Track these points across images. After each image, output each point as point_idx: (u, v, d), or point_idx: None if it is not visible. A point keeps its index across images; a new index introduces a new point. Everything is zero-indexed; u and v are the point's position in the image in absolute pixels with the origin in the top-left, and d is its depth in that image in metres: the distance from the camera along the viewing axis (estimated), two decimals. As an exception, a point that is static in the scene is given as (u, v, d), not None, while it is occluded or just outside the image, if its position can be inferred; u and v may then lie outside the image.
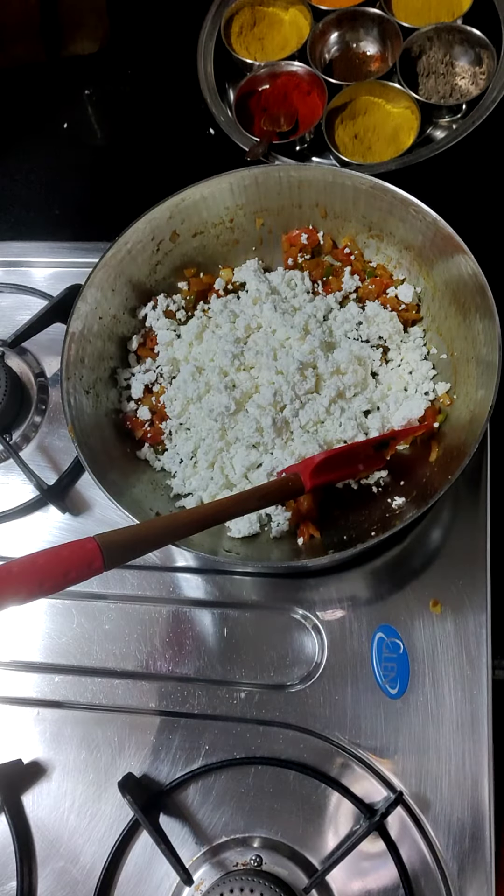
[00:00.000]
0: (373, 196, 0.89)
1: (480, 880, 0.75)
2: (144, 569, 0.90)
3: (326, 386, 0.89)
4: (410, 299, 0.94)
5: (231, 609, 0.88)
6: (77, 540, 0.61)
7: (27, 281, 1.07)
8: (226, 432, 0.89)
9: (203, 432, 0.89)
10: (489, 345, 0.80)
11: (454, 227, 0.84)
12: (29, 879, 0.79)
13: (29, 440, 0.98)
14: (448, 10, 1.16)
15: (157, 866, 0.78)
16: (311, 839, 0.78)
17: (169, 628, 0.88)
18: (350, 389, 0.89)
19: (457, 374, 0.88)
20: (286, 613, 0.87)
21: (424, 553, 0.88)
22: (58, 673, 0.87)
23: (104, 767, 0.82)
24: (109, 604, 0.89)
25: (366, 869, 0.77)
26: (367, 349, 0.92)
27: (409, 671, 0.82)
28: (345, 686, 0.83)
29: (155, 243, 0.94)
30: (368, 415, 0.90)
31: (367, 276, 0.96)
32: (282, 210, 0.96)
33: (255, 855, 0.78)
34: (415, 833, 0.77)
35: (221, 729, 0.82)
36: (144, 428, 0.91)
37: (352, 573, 0.87)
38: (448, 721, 0.80)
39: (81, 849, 0.80)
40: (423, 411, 0.88)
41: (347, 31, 1.20)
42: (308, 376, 0.88)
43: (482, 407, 0.78)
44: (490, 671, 0.81)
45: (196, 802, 0.80)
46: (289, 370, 0.88)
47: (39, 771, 0.83)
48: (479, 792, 0.78)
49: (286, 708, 0.82)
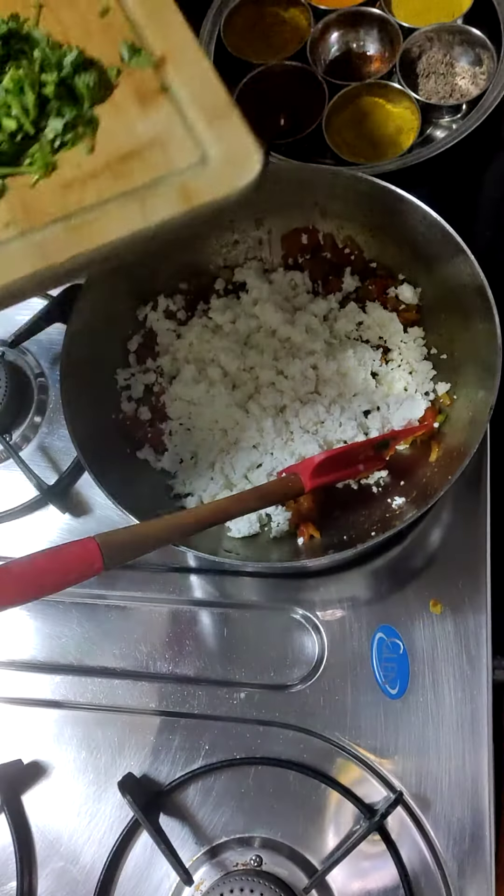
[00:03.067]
0: (373, 196, 0.89)
1: (480, 880, 0.75)
2: (144, 569, 0.90)
3: (327, 386, 0.89)
4: (410, 299, 0.94)
5: (231, 609, 0.88)
6: (77, 540, 0.61)
7: (27, 281, 1.07)
8: (226, 433, 0.89)
9: (203, 432, 0.89)
10: (489, 345, 0.80)
11: (454, 227, 0.84)
12: (29, 879, 0.79)
13: (29, 440, 0.98)
14: (448, 11, 1.16)
15: (157, 866, 0.78)
16: (311, 839, 0.78)
17: (169, 628, 0.88)
18: (350, 390, 0.89)
19: (457, 375, 0.88)
20: (286, 613, 0.87)
21: (424, 553, 0.88)
22: (58, 673, 0.87)
23: (104, 767, 0.82)
24: (109, 604, 0.89)
25: (366, 869, 0.77)
26: (368, 349, 0.92)
27: (409, 671, 0.82)
28: (345, 686, 0.83)
29: (155, 243, 0.94)
30: (368, 415, 0.90)
31: (367, 276, 0.96)
32: (282, 210, 0.96)
33: (255, 855, 0.78)
34: (415, 833, 0.77)
35: (221, 729, 0.82)
36: (144, 428, 0.91)
37: (352, 573, 0.87)
38: (448, 721, 0.80)
39: (81, 849, 0.80)
40: (423, 411, 0.88)
41: (347, 32, 1.20)
42: (309, 377, 0.89)
43: (482, 407, 0.78)
44: (490, 671, 0.81)
45: (196, 802, 0.80)
46: (289, 371, 0.88)
47: (39, 771, 0.83)
48: (479, 792, 0.78)
49: (286, 708, 0.82)
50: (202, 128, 0.62)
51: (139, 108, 0.64)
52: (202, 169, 0.61)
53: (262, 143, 0.62)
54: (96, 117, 0.64)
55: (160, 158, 0.62)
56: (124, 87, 0.65)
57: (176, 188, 0.60)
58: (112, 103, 0.65)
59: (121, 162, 0.62)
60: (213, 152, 0.61)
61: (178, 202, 0.60)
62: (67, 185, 0.62)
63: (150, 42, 0.65)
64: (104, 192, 0.61)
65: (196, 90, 0.63)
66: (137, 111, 0.64)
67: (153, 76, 0.64)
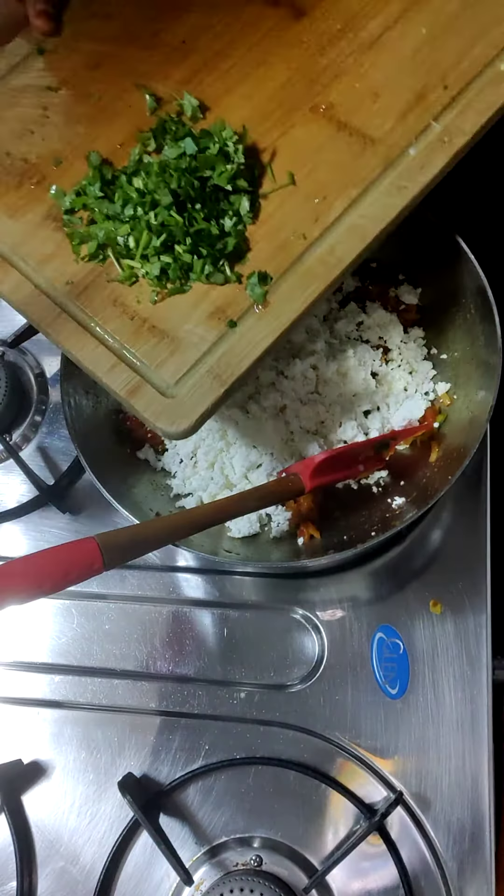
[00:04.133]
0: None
1: (480, 880, 0.75)
2: (144, 569, 0.90)
3: (327, 386, 0.89)
4: (410, 299, 0.94)
5: (231, 609, 0.88)
6: (77, 540, 0.61)
7: (27, 281, 1.07)
8: (226, 432, 0.89)
9: (203, 432, 0.89)
10: (489, 345, 0.80)
11: (454, 227, 0.84)
12: (29, 879, 0.79)
13: (29, 440, 0.98)
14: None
15: (157, 866, 0.78)
16: (311, 839, 0.78)
17: (169, 628, 0.88)
18: (350, 390, 0.89)
19: (457, 375, 0.88)
20: (286, 613, 0.87)
21: (424, 553, 0.88)
22: (58, 673, 0.87)
23: (104, 767, 0.82)
24: (109, 604, 0.89)
25: (366, 869, 0.77)
26: (368, 349, 0.92)
27: (409, 671, 0.82)
28: (345, 686, 0.83)
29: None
30: (369, 415, 0.90)
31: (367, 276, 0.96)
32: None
33: (255, 855, 0.78)
34: (415, 833, 0.77)
35: (221, 729, 0.82)
36: (144, 428, 0.91)
37: (352, 573, 0.87)
38: (448, 721, 0.80)
39: (81, 849, 0.80)
40: (424, 412, 0.88)
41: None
42: (309, 377, 0.88)
43: (482, 407, 0.78)
44: (490, 671, 0.81)
45: (196, 802, 0.80)
46: (290, 371, 0.88)
47: (39, 771, 0.83)
48: (479, 792, 0.78)
49: (286, 708, 0.82)
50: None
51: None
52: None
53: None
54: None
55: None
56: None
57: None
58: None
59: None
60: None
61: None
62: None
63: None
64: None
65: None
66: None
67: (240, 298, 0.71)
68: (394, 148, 0.73)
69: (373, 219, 0.71)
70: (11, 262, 0.73)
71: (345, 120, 0.74)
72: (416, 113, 0.74)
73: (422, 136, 0.73)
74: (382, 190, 0.72)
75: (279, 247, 0.72)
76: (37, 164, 0.76)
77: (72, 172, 0.75)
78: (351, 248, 0.71)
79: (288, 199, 0.73)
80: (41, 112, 0.78)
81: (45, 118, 0.78)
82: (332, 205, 0.72)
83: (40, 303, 0.72)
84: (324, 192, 0.72)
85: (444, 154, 0.72)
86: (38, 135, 0.78)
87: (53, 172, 0.76)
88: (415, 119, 0.73)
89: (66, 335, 0.70)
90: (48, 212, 0.75)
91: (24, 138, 0.77)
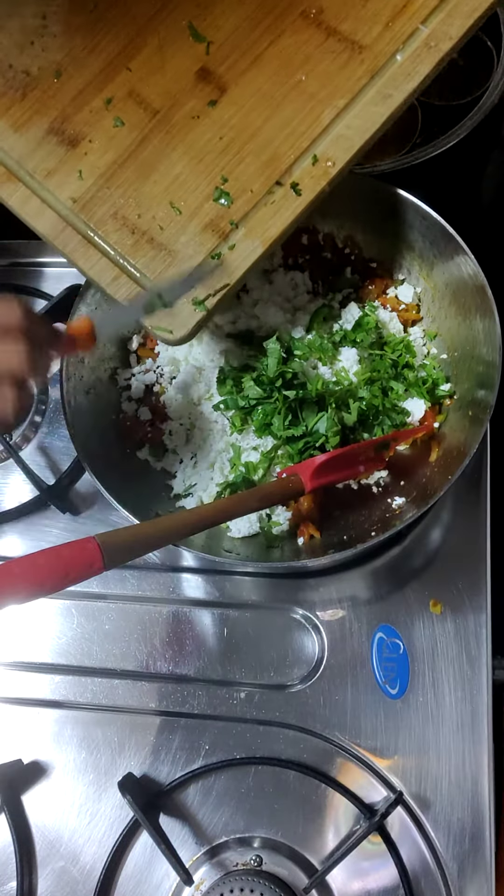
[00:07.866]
0: (373, 196, 0.89)
1: (480, 880, 0.75)
2: (144, 569, 0.90)
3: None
4: (410, 299, 0.94)
5: (231, 609, 0.88)
6: (77, 540, 0.61)
7: (27, 281, 1.07)
8: (226, 432, 0.89)
9: (203, 432, 0.89)
10: (489, 345, 0.80)
11: (454, 227, 0.84)
12: (29, 879, 0.79)
13: (29, 440, 0.98)
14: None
15: (157, 866, 0.78)
16: (311, 839, 0.78)
17: (169, 628, 0.88)
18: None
19: (457, 375, 0.88)
20: (286, 613, 0.87)
21: (424, 553, 0.88)
22: (58, 673, 0.87)
23: (104, 767, 0.82)
24: (109, 604, 0.89)
25: (366, 869, 0.77)
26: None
27: (409, 671, 0.82)
28: (345, 686, 0.83)
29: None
30: (368, 415, 0.90)
31: (367, 276, 0.96)
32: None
33: (255, 855, 0.78)
34: (415, 833, 0.77)
35: (221, 729, 0.82)
36: (144, 428, 0.91)
37: (352, 573, 0.87)
38: (448, 721, 0.80)
39: (81, 849, 0.80)
40: (424, 412, 0.88)
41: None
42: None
43: (482, 407, 0.78)
44: (490, 671, 0.81)
45: (196, 802, 0.80)
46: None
47: (39, 771, 0.83)
48: (479, 792, 0.78)
49: (286, 708, 0.82)
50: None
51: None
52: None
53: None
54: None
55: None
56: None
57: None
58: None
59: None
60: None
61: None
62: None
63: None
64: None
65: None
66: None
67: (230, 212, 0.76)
68: (381, 55, 0.74)
69: (358, 129, 0.73)
70: (18, 176, 0.77)
71: (334, 26, 0.75)
72: (404, 17, 0.74)
73: (409, 42, 0.73)
74: (368, 99, 0.73)
75: (267, 162, 0.74)
76: (38, 76, 0.78)
77: (70, 85, 0.77)
78: (336, 159, 0.73)
79: (275, 113, 0.74)
80: (41, 22, 0.79)
81: (45, 27, 0.79)
82: (320, 116, 0.74)
83: (48, 217, 0.76)
84: (311, 104, 0.74)
85: (430, 60, 0.73)
86: (38, 45, 0.79)
87: (54, 85, 0.78)
88: (402, 24, 0.74)
89: (72, 248, 0.76)
90: (50, 125, 0.77)
91: (26, 50, 0.79)
